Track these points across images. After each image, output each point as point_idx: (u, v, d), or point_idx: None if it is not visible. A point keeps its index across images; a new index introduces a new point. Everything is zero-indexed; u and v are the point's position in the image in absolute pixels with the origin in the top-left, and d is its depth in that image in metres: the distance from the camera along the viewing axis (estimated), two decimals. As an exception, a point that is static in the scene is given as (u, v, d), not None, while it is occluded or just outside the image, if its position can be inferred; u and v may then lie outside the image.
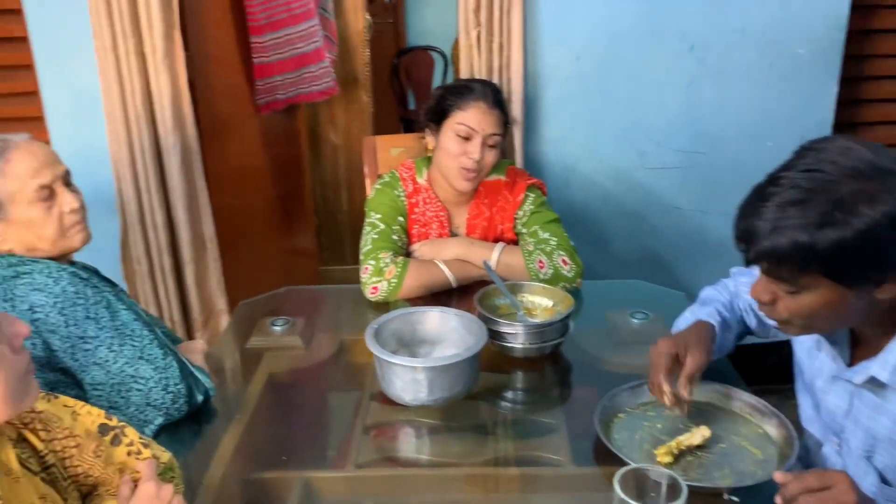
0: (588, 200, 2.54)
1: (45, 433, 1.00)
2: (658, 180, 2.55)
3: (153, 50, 2.17)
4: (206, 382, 1.43)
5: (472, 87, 1.84)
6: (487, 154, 1.81)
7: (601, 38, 2.37)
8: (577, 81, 2.42)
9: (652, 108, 2.46)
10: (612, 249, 2.60)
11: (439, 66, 5.40)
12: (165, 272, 2.38)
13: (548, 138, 2.48)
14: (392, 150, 2.14)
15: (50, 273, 1.36)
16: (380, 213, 1.88)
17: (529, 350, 1.52)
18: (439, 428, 1.39)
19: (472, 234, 1.92)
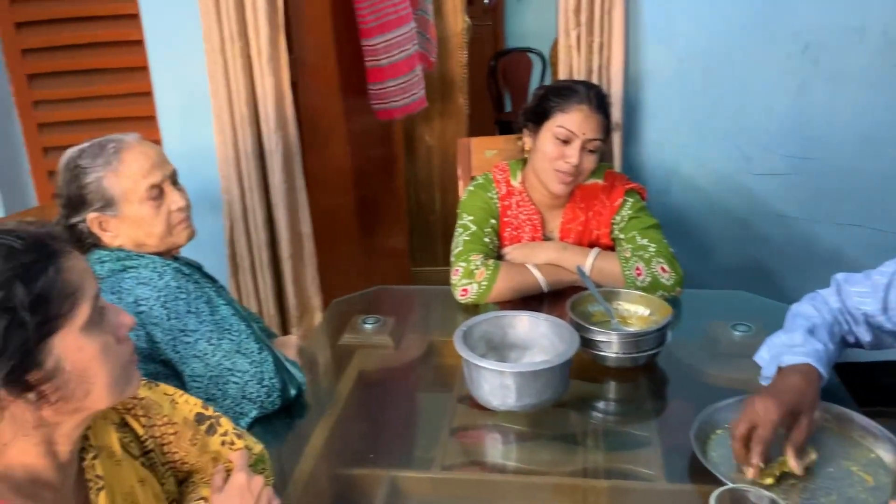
0: (689, 206, 2.45)
1: (146, 419, 1.04)
2: (765, 186, 2.43)
3: (259, 53, 2.24)
4: (299, 377, 1.46)
5: (575, 89, 1.79)
6: (586, 159, 1.77)
7: (706, 39, 2.28)
8: (679, 83, 2.34)
9: (760, 112, 2.35)
10: (714, 258, 2.50)
11: (537, 68, 5.35)
12: (265, 268, 2.46)
13: (648, 141, 2.41)
14: (486, 152, 2.13)
15: (155, 268, 1.42)
16: (472, 215, 1.87)
17: (623, 360, 1.47)
18: (527, 434, 1.37)
19: (565, 238, 1.88)
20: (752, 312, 1.70)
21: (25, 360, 0.79)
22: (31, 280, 0.80)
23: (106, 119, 2.45)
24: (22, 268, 0.80)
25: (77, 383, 0.84)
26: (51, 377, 0.82)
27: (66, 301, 0.82)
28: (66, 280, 0.83)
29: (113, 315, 0.90)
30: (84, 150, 1.44)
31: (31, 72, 2.45)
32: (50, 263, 0.82)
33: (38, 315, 0.79)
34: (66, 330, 0.82)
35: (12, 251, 0.81)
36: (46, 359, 0.81)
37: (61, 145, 2.50)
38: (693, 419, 1.27)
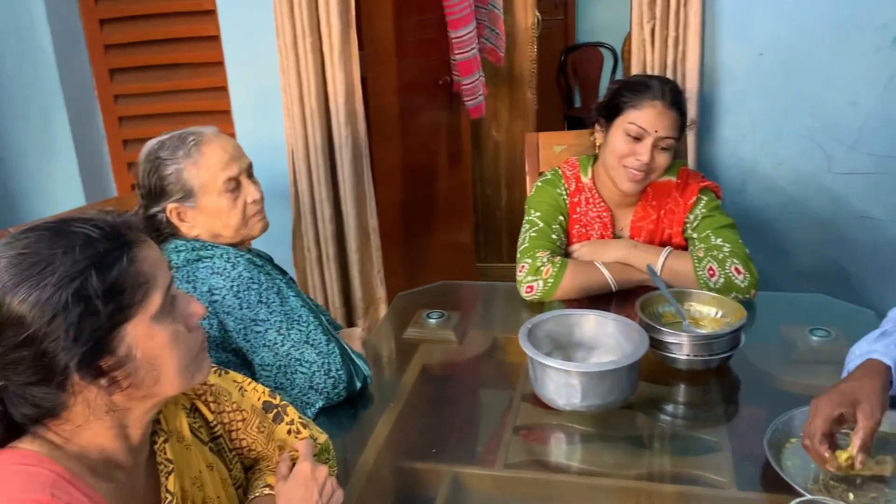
0: (766, 206, 2.36)
1: (216, 405, 1.06)
2: (848, 186, 2.33)
3: (330, 48, 2.26)
4: (365, 369, 1.47)
5: (648, 84, 1.73)
6: (658, 157, 1.72)
7: (788, 32, 2.20)
8: (758, 78, 2.26)
9: (844, 108, 2.24)
10: (792, 260, 2.40)
11: (608, 63, 5.27)
12: (331, 261, 2.49)
13: (724, 139, 2.33)
14: (555, 148, 2.10)
15: (228, 258, 1.45)
16: (539, 210, 1.84)
17: (694, 362, 1.43)
18: (592, 436, 1.34)
19: (636, 237, 1.83)
20: (831, 317, 1.63)
21: (98, 347, 0.81)
22: (106, 269, 0.81)
23: (183, 113, 2.53)
24: (98, 257, 0.81)
25: (147, 370, 0.86)
26: (122, 364, 0.84)
27: (139, 290, 0.84)
28: (140, 270, 0.84)
29: (184, 304, 0.92)
30: (164, 142, 1.48)
31: (113, 67, 2.55)
32: (125, 253, 0.84)
33: (111, 304, 0.81)
34: (138, 318, 0.84)
35: (89, 240, 0.83)
36: (118, 346, 0.83)
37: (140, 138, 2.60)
38: (766, 426, 1.22)
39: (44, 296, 0.78)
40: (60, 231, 0.83)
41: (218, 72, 2.48)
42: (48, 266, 0.79)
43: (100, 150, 2.65)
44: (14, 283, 0.79)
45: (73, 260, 0.80)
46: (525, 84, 3.49)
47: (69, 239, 0.82)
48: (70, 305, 0.79)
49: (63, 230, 0.83)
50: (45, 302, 0.78)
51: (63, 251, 0.80)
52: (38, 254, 0.80)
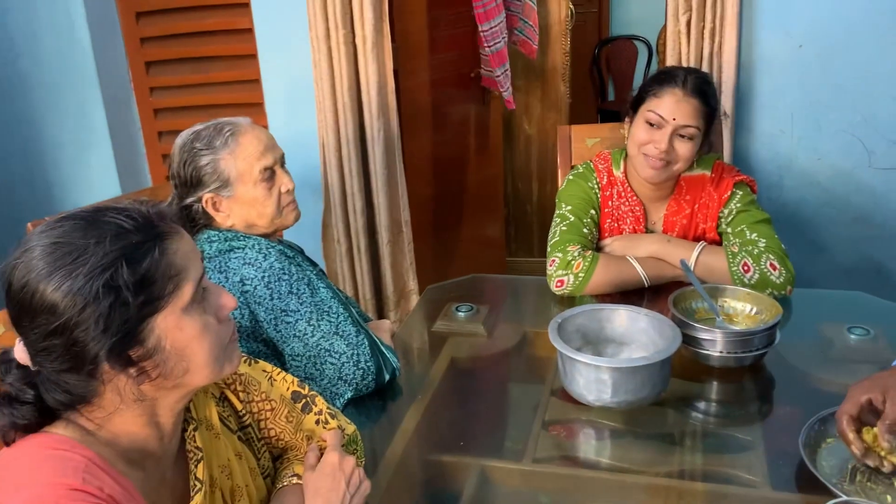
0: (803, 202, 2.32)
1: (245, 394, 1.06)
2: (889, 182, 2.27)
3: (363, 40, 2.26)
4: (394, 361, 1.47)
5: (672, 73, 1.71)
6: (679, 146, 1.68)
7: (828, 23, 2.15)
8: (797, 71, 2.21)
9: (886, 102, 2.19)
10: (829, 257, 2.35)
11: (643, 56, 5.21)
12: (362, 253, 2.50)
13: (760, 132, 2.29)
14: (587, 141, 2.08)
15: (260, 249, 1.46)
16: (570, 204, 1.83)
17: (728, 359, 1.40)
18: (622, 432, 1.32)
19: (669, 231, 1.81)
20: (870, 315, 1.59)
21: (128, 338, 0.82)
22: (137, 261, 0.81)
23: (217, 105, 2.55)
24: (129, 248, 0.82)
25: (176, 361, 0.86)
26: (151, 354, 0.84)
27: (170, 282, 0.84)
28: (171, 262, 0.84)
29: (215, 296, 0.92)
30: (199, 132, 1.49)
31: (149, 59, 2.58)
32: (156, 245, 0.83)
33: (141, 295, 0.81)
34: (168, 310, 0.84)
35: (122, 231, 0.83)
36: (148, 337, 0.83)
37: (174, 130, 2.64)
38: (801, 425, 1.20)
39: (75, 285, 0.79)
40: (94, 221, 0.83)
41: (251, 64, 2.50)
42: (80, 256, 0.80)
43: (135, 141, 2.69)
44: (48, 272, 0.80)
45: (105, 251, 0.81)
46: (558, 77, 3.46)
47: (102, 229, 0.82)
48: (100, 296, 0.79)
49: (97, 220, 0.83)
50: (77, 292, 0.79)
51: (96, 241, 0.81)
52: (72, 243, 0.81)
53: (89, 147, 2.65)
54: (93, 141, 2.64)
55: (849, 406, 1.12)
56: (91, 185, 2.68)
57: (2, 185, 2.73)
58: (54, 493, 0.77)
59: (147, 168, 2.73)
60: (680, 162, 1.70)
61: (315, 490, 1.02)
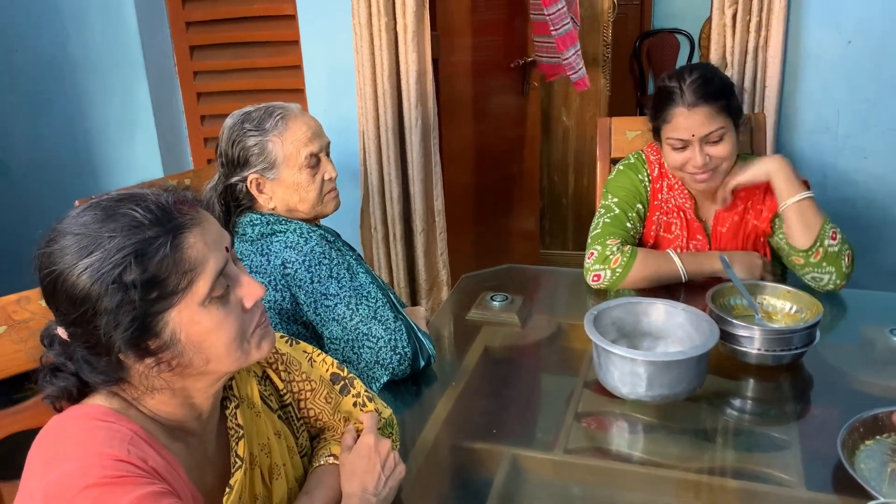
0: (848, 201, 2.27)
1: (286, 374, 1.08)
2: (936, 183, 2.22)
3: (404, 28, 2.27)
4: (430, 348, 1.48)
5: (669, 93, 1.65)
6: (713, 150, 1.65)
7: (879, 19, 2.10)
8: (845, 67, 2.16)
9: (938, 100, 2.14)
10: (875, 259, 2.31)
11: (684, 49, 5.14)
12: (398, 241, 2.51)
13: (806, 129, 2.25)
14: (627, 133, 2.06)
15: (301, 233, 1.48)
16: (617, 196, 1.80)
17: (766, 357, 1.39)
18: (655, 426, 1.32)
19: (719, 227, 1.78)
20: (915, 318, 1.56)
21: (141, 330, 0.82)
22: (148, 258, 0.81)
23: (259, 90, 2.58)
24: (142, 244, 0.81)
25: (194, 353, 0.86)
26: (168, 346, 0.85)
27: (184, 278, 0.83)
28: (186, 257, 0.83)
29: (240, 285, 0.90)
30: (250, 113, 1.52)
31: (194, 44, 2.61)
32: (170, 240, 0.82)
33: (151, 293, 0.81)
34: (182, 305, 0.84)
35: (136, 225, 0.82)
36: (163, 330, 0.83)
37: (217, 114, 2.68)
38: (839, 426, 1.18)
39: (89, 280, 0.80)
40: (112, 213, 0.83)
41: (294, 50, 2.52)
42: (95, 250, 0.81)
43: (178, 124, 2.73)
44: (71, 262, 0.81)
45: (118, 246, 0.81)
46: (598, 69, 3.44)
47: (118, 222, 0.82)
48: (109, 292, 0.80)
49: (115, 212, 0.83)
50: (90, 286, 0.80)
51: (110, 235, 0.81)
52: (89, 235, 0.81)
53: (134, 128, 2.70)
54: (137, 123, 2.69)
55: None
56: (135, 165, 2.73)
57: (52, 162, 2.80)
58: (101, 462, 0.80)
59: (189, 151, 2.77)
60: (724, 162, 1.68)
61: (351, 470, 1.03)
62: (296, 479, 1.06)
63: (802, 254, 1.63)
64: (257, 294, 0.91)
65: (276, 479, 1.01)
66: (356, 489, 1.01)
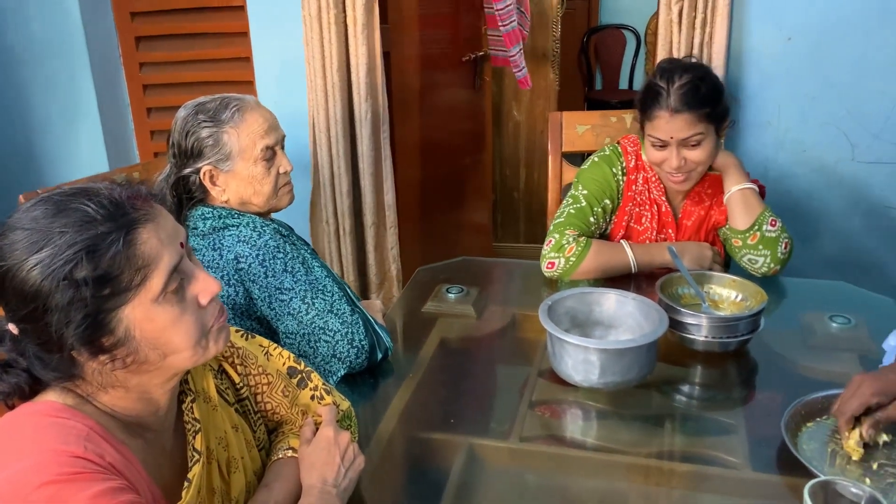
0: (787, 193, 2.35)
1: (242, 368, 1.07)
2: (871, 176, 2.31)
3: (353, 21, 2.26)
4: (387, 340, 1.49)
5: (656, 91, 1.68)
6: (690, 154, 1.69)
7: (818, 17, 2.17)
8: (786, 63, 2.24)
9: (872, 96, 2.22)
10: (814, 248, 2.39)
11: (631, 45, 5.23)
12: (347, 235, 2.50)
13: (748, 124, 2.32)
14: (578, 128, 2.09)
15: (255, 227, 1.47)
16: (587, 189, 1.82)
17: (712, 344, 1.43)
18: (607, 413, 1.35)
19: (686, 219, 1.84)
20: (852, 305, 1.63)
21: (94, 328, 0.81)
22: (100, 254, 0.79)
23: (207, 82, 2.54)
24: (93, 240, 0.79)
25: (150, 349, 0.85)
26: (122, 343, 0.83)
27: (137, 274, 0.82)
28: (139, 253, 0.82)
29: (197, 282, 0.89)
30: (205, 104, 1.49)
31: (139, 34, 2.55)
32: (123, 236, 0.81)
33: (103, 289, 0.80)
34: (136, 301, 0.82)
35: (89, 220, 0.80)
36: (116, 327, 0.82)
37: (164, 107, 2.63)
38: (783, 410, 1.23)
39: (39, 277, 0.79)
40: (64, 208, 0.81)
41: (243, 42, 2.49)
42: (45, 246, 0.79)
43: (124, 116, 2.67)
44: (21, 257, 0.79)
45: (69, 242, 0.79)
46: (548, 64, 3.48)
47: (69, 217, 0.80)
48: (60, 289, 0.78)
49: (66, 206, 0.81)
50: (41, 282, 0.79)
51: (60, 230, 0.79)
52: (39, 230, 0.80)
53: (78, 121, 2.63)
54: (81, 115, 2.62)
55: (855, 405, 1.14)
56: (79, 159, 2.66)
57: (-6, 155, 2.71)
58: (56, 459, 0.78)
59: (135, 144, 2.71)
60: (699, 166, 1.72)
61: (311, 463, 1.04)
62: (254, 472, 1.06)
63: (741, 235, 1.71)
64: (213, 290, 0.90)
65: (234, 472, 1.01)
66: (316, 481, 1.01)
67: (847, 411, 1.15)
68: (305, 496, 1.01)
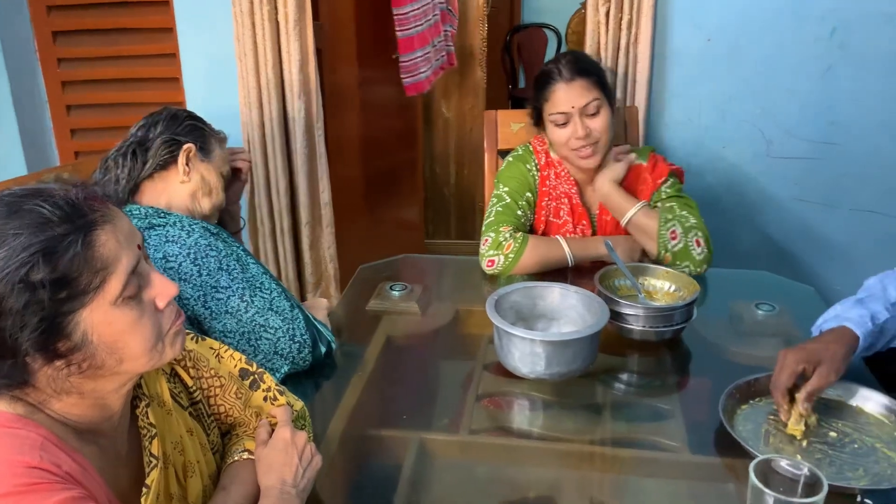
0: (708, 187, 2.46)
1: (195, 371, 1.06)
2: (783, 170, 2.44)
3: (286, 17, 2.23)
4: (328, 336, 1.49)
5: (546, 71, 1.80)
6: (592, 122, 1.76)
7: (735, 19, 2.28)
8: (705, 63, 2.34)
9: (784, 95, 2.35)
10: (731, 239, 2.52)
11: (553, 43, 5.33)
12: (285, 234, 2.47)
13: (671, 121, 2.42)
14: (513, 125, 2.13)
15: (183, 226, 1.44)
16: (508, 186, 1.88)
17: (648, 333, 1.50)
18: (552, 403, 1.39)
19: (604, 216, 1.89)
20: (774, 292, 1.72)
21: (50, 332, 0.79)
22: (58, 257, 0.77)
23: (130, 79, 2.46)
24: (49, 241, 0.77)
25: (107, 354, 0.83)
26: (79, 348, 0.81)
27: (95, 277, 0.80)
28: (97, 255, 0.80)
29: (153, 285, 0.88)
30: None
31: (56, 28, 2.45)
32: (80, 237, 0.79)
33: (61, 292, 0.78)
34: (94, 304, 0.80)
35: (44, 222, 0.78)
36: (73, 331, 0.80)
37: (85, 104, 2.53)
38: (714, 394, 1.30)
39: None
40: (17, 209, 0.79)
41: (168, 38, 2.42)
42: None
43: (41, 114, 2.55)
44: None
45: (24, 245, 0.76)
46: (476, 62, 3.51)
47: (24, 219, 0.78)
48: (15, 292, 0.76)
49: (19, 208, 0.79)
50: None
51: (14, 232, 0.77)
52: None
53: (-10, 119, 2.50)
54: (-6, 113, 2.49)
55: (784, 377, 1.23)
56: (-6, 158, 2.53)
57: None
58: (12, 470, 0.76)
59: (54, 143, 2.59)
60: (602, 135, 1.78)
61: (269, 465, 1.03)
62: (209, 476, 1.04)
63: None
64: (170, 293, 0.89)
65: (191, 476, 0.99)
66: (275, 482, 1.01)
67: (780, 384, 1.23)
68: (264, 498, 1.00)
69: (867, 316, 1.30)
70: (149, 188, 1.50)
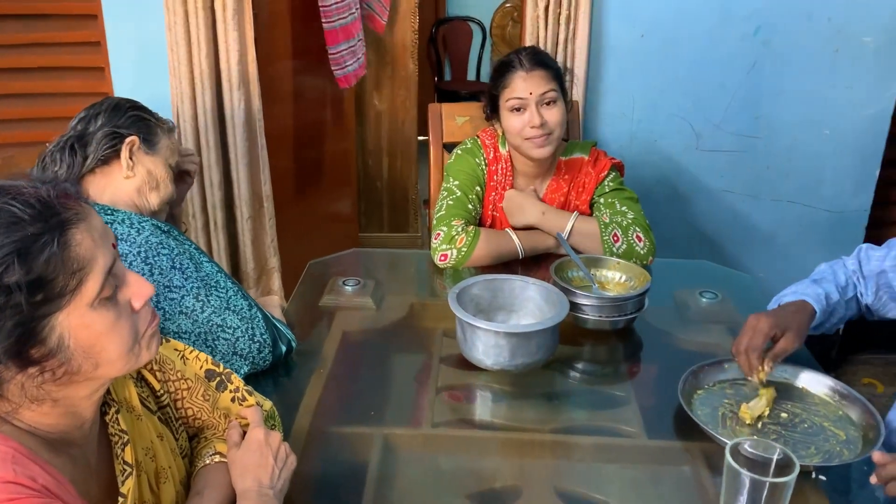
0: (640, 180, 2.53)
1: (161, 374, 1.02)
2: (712, 163, 2.55)
3: (223, 6, 2.16)
4: (288, 334, 1.46)
5: (507, 60, 1.84)
6: (548, 113, 1.79)
7: (667, 16, 2.36)
8: (639, 58, 2.41)
9: (712, 90, 2.45)
10: (662, 230, 2.58)
11: (477, 37, 5.37)
12: (220, 229, 2.41)
13: (606, 115, 2.48)
14: (457, 119, 2.14)
15: (132, 224, 1.38)
16: (458, 179, 1.89)
17: (602, 323, 1.53)
18: (511, 393, 1.41)
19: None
20: (715, 280, 1.80)
21: (25, 337, 0.75)
22: (33, 257, 0.73)
23: (52, 68, 2.33)
24: (23, 242, 0.73)
25: (83, 358, 0.79)
26: (54, 353, 0.77)
27: (72, 278, 0.76)
28: (73, 255, 0.76)
29: (129, 285, 0.84)
30: None
31: (-31, 13, 2.29)
32: (56, 237, 0.75)
33: (36, 295, 0.74)
34: (71, 307, 0.77)
35: (17, 221, 0.74)
36: (49, 336, 0.76)
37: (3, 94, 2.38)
38: (666, 381, 1.35)
39: None
40: None
41: (93, 25, 2.30)
42: None
43: (-48, 105, 2.39)
44: None
45: None
46: (407, 54, 3.50)
47: None
48: None
49: None
50: None
51: None
52: None
53: None
54: None
55: (760, 340, 1.30)
56: None
57: None
58: (-14, 487, 0.71)
59: (-33, 135, 2.43)
60: (556, 128, 1.80)
61: (244, 466, 1.00)
62: (181, 481, 1.01)
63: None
64: (146, 293, 0.85)
65: (164, 482, 0.96)
66: (252, 485, 0.98)
67: (756, 345, 1.30)
68: (242, 500, 0.97)
69: (822, 295, 1.40)
70: (91, 185, 1.43)
